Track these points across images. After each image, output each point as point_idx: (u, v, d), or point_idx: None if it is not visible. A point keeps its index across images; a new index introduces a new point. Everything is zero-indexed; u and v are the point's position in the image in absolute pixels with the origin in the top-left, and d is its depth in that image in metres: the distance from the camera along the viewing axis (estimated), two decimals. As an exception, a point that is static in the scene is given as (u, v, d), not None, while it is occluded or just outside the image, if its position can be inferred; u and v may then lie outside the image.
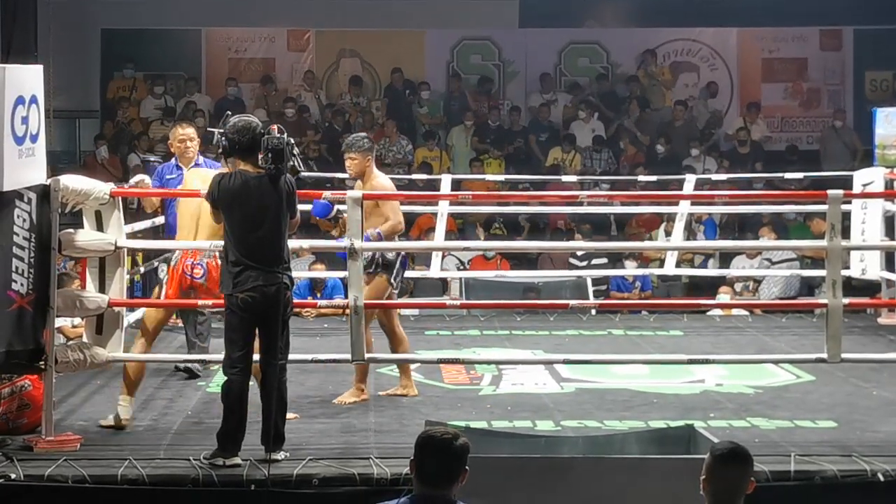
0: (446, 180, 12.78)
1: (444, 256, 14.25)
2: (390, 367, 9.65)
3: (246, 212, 7.24)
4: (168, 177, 9.86)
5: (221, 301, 7.78)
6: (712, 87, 19.37)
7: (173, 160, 9.97)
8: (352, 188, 9.12)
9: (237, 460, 7.19)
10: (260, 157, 7.24)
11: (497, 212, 15.10)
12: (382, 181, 9.01)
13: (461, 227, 16.44)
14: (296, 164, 7.39)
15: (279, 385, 7.34)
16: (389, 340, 9.05)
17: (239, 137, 7.30)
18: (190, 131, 9.81)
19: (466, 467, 4.84)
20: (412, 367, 9.74)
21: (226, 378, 7.35)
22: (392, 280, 8.87)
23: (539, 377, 9.78)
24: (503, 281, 13.85)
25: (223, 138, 7.35)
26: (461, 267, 15.01)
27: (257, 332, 7.36)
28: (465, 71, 19.60)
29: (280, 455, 7.29)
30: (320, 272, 12.99)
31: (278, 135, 7.23)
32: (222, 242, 7.50)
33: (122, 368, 9.36)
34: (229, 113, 7.56)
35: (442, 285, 14.55)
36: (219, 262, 8.06)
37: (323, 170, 14.92)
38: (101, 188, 7.99)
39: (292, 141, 7.33)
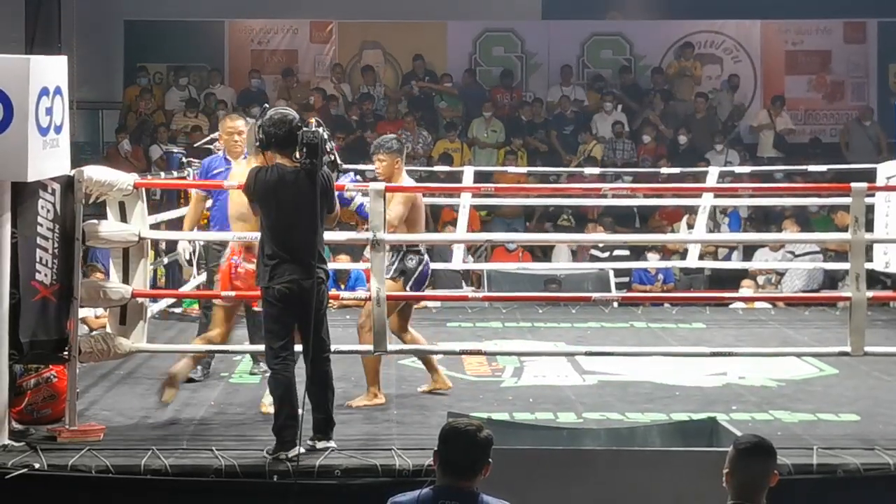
0: (468, 172, 12.77)
1: (473, 249, 14.30)
2: (412, 359, 9.69)
3: (282, 206, 7.21)
4: (216, 170, 9.61)
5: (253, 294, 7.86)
6: (733, 79, 19.31)
7: (221, 153, 9.72)
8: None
9: (298, 450, 7.16)
10: (298, 151, 7.21)
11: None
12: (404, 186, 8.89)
13: (488, 219, 16.46)
14: (336, 158, 7.37)
15: (325, 376, 7.35)
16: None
17: (275, 130, 7.26)
18: (239, 123, 9.59)
19: (490, 460, 4.84)
20: (436, 358, 9.77)
21: (271, 371, 7.32)
22: (406, 287, 8.72)
23: (561, 369, 9.78)
24: (525, 273, 13.84)
25: (260, 131, 7.34)
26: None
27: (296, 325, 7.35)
28: (488, 63, 19.59)
29: (332, 443, 7.33)
30: (345, 263, 12.99)
31: (314, 129, 7.21)
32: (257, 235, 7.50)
33: (146, 359, 9.44)
34: (267, 106, 7.56)
35: (462, 277, 14.56)
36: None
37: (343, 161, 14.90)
38: (124, 179, 8.01)
39: (327, 135, 7.28)
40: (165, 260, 12.13)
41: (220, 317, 8.51)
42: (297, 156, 7.21)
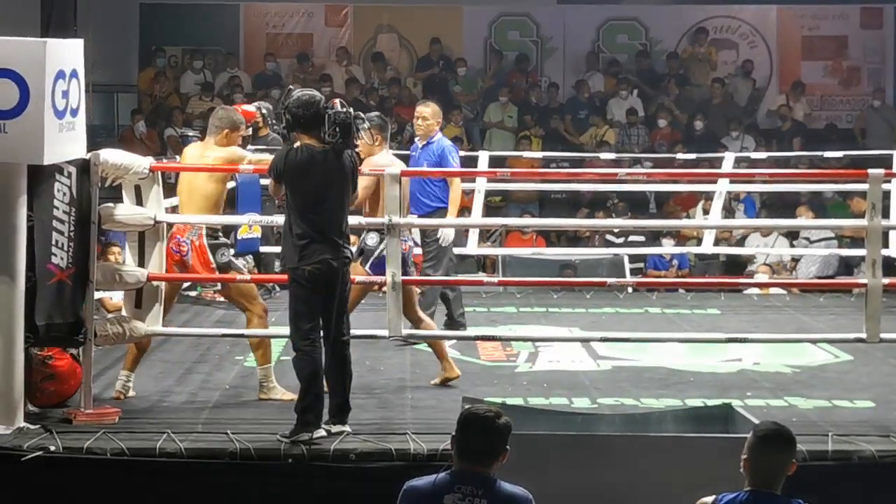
0: (484, 157, 12.76)
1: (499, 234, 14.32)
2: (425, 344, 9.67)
3: (313, 186, 7.27)
4: (413, 153, 10.37)
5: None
6: (747, 65, 19.24)
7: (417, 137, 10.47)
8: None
9: (322, 432, 7.21)
10: (325, 131, 7.24)
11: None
12: (375, 160, 8.75)
13: (502, 204, 16.44)
14: (365, 137, 7.45)
15: (344, 360, 7.40)
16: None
17: (303, 111, 7.30)
18: (420, 109, 10.31)
19: (508, 447, 4.84)
20: (448, 344, 9.78)
21: (297, 352, 7.34)
22: (366, 268, 8.55)
23: (575, 355, 9.77)
24: (540, 258, 13.82)
25: (286, 113, 7.36)
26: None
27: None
28: (503, 47, 19.54)
29: (346, 428, 7.35)
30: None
31: (345, 109, 7.28)
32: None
33: (161, 342, 9.44)
34: (292, 87, 7.58)
35: (477, 263, 14.54)
36: (203, 240, 8.13)
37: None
38: (140, 163, 8.01)
39: (361, 115, 7.38)
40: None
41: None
42: (328, 136, 7.24)
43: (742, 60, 19.36)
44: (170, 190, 8.99)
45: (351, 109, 7.34)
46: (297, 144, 7.32)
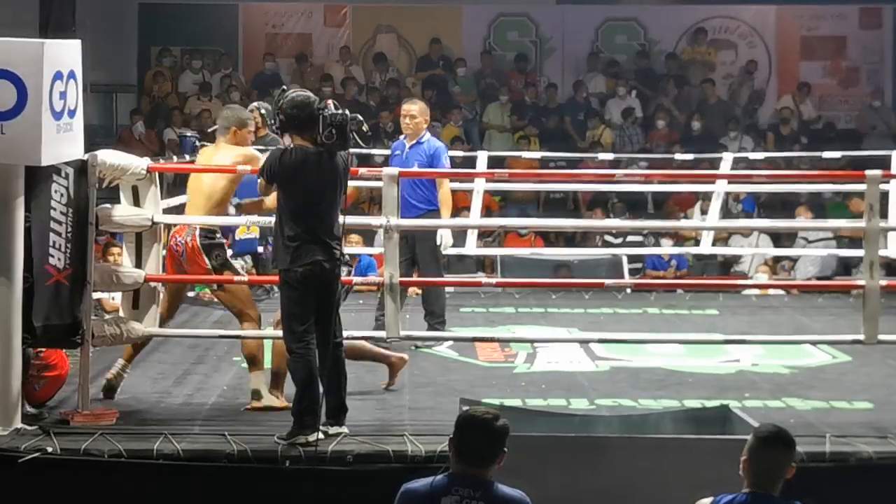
0: (482, 157, 12.75)
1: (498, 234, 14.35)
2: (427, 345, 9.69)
3: (307, 187, 7.24)
4: (396, 152, 10.23)
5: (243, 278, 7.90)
6: (750, 65, 19.23)
7: (402, 136, 10.37)
8: None
9: (318, 435, 7.18)
10: (319, 132, 7.21)
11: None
12: None
13: (501, 205, 16.45)
14: (358, 139, 7.43)
15: (338, 361, 7.37)
16: None
17: (298, 112, 7.27)
18: (407, 107, 10.22)
19: (505, 449, 4.84)
20: (446, 344, 9.80)
21: (291, 354, 7.32)
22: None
23: (574, 355, 9.77)
24: (538, 259, 13.81)
25: (279, 113, 7.34)
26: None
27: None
28: (502, 47, 19.54)
29: (344, 429, 7.34)
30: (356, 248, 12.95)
31: (341, 111, 7.25)
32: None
33: (158, 343, 9.42)
34: (285, 88, 7.57)
35: (476, 263, 14.54)
36: (197, 242, 8.07)
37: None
38: (138, 163, 8.01)
39: (358, 116, 7.35)
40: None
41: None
42: (324, 137, 7.20)
43: (742, 61, 19.34)
44: (167, 190, 9.01)
45: (347, 111, 7.31)
46: (291, 146, 7.31)
